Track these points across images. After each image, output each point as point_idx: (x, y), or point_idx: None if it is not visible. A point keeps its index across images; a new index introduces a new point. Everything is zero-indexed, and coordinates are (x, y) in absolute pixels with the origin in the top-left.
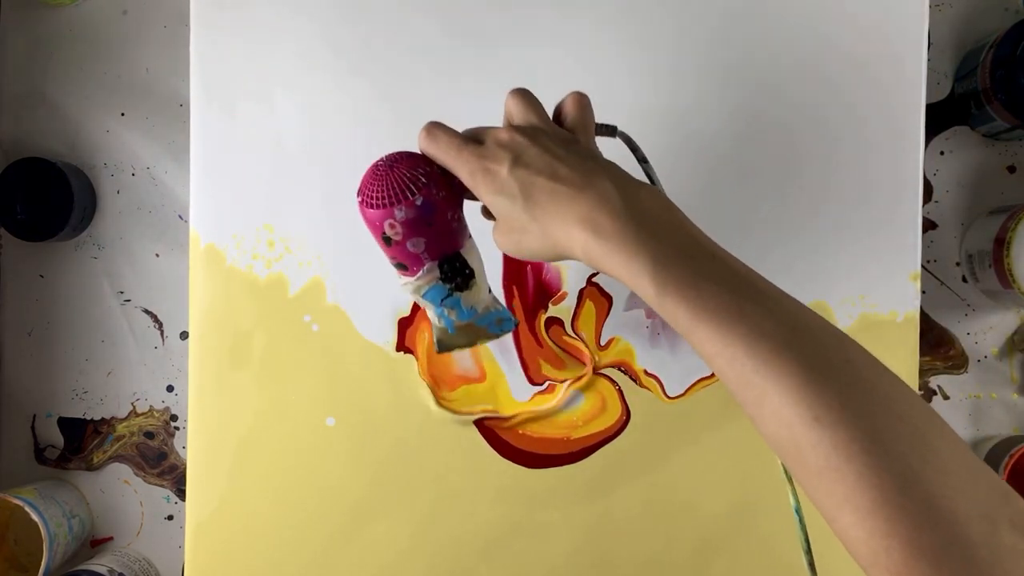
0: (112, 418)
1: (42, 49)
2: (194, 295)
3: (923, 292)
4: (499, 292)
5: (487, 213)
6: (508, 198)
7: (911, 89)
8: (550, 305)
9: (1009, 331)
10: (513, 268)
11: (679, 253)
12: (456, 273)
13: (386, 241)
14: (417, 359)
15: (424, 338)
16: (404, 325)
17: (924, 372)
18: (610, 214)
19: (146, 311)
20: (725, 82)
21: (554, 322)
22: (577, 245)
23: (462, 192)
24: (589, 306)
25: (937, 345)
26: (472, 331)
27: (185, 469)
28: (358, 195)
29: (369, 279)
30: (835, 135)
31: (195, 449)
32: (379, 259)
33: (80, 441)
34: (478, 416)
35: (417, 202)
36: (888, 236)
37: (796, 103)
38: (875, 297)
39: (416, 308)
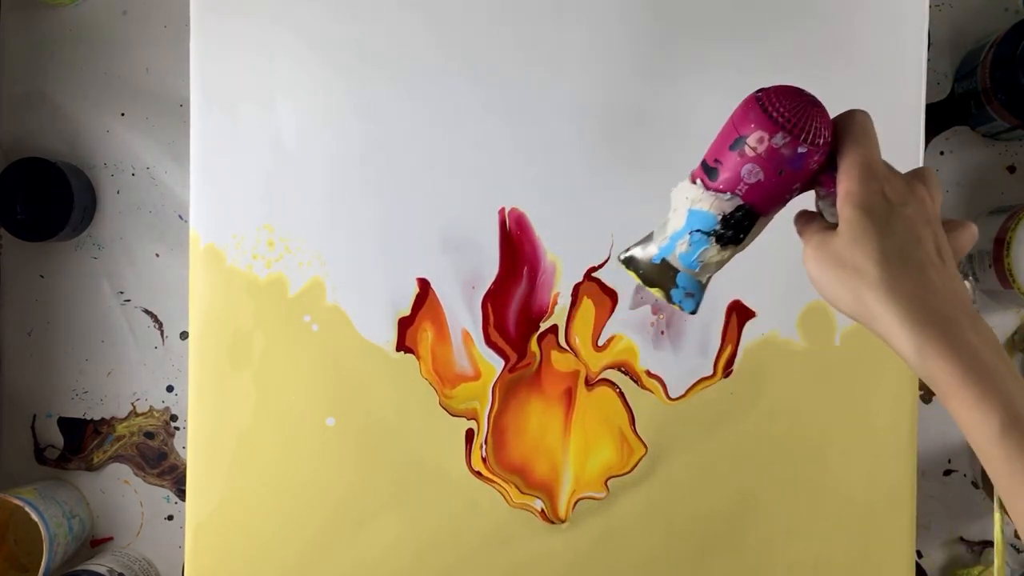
0: (112, 418)
1: (42, 49)
2: (194, 295)
3: None
4: (483, 349)
5: (804, 224)
6: (879, 228)
7: (911, 89)
8: (541, 324)
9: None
10: (498, 308)
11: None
12: (739, 228)
13: (735, 144)
14: (419, 358)
15: (427, 337)
16: (404, 325)
17: None
18: (971, 328)
19: (146, 311)
20: (725, 82)
21: (548, 332)
22: (910, 334)
23: (820, 180)
24: (587, 304)
25: None
26: (665, 277)
27: (185, 469)
28: (760, 92)
29: (369, 279)
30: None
31: (195, 449)
32: (379, 259)
33: (80, 441)
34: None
35: (800, 149)
36: None
37: None
38: None
39: (416, 308)
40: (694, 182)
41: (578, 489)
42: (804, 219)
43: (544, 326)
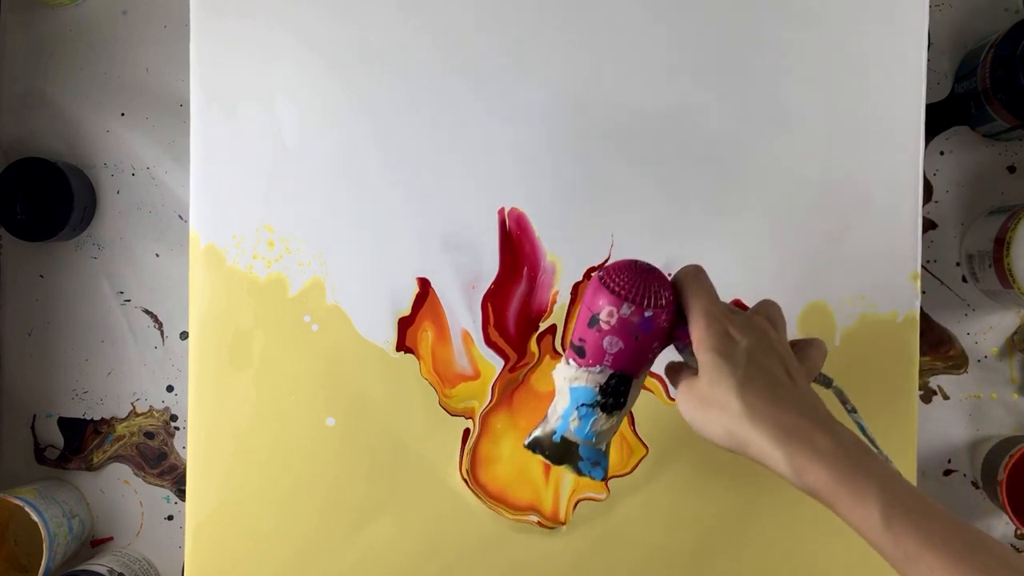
0: (112, 418)
1: (42, 49)
2: (194, 295)
3: (923, 292)
4: (483, 349)
5: (673, 374)
6: (730, 366)
7: (911, 89)
8: (540, 324)
9: (1009, 331)
10: (498, 308)
11: (903, 482)
12: (616, 394)
13: (591, 322)
14: (419, 358)
15: (427, 336)
16: (404, 325)
17: (924, 372)
18: (829, 434)
19: (146, 311)
20: (725, 83)
21: (547, 333)
22: (781, 453)
23: (676, 335)
24: None
25: (937, 345)
26: (569, 453)
27: (185, 469)
28: (600, 271)
29: (369, 279)
30: (835, 135)
31: (195, 449)
32: (378, 259)
33: (80, 441)
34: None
35: (647, 313)
36: (888, 236)
37: (796, 103)
38: (875, 297)
39: (416, 307)
40: (568, 363)
41: (578, 489)
42: (673, 370)
43: (544, 326)
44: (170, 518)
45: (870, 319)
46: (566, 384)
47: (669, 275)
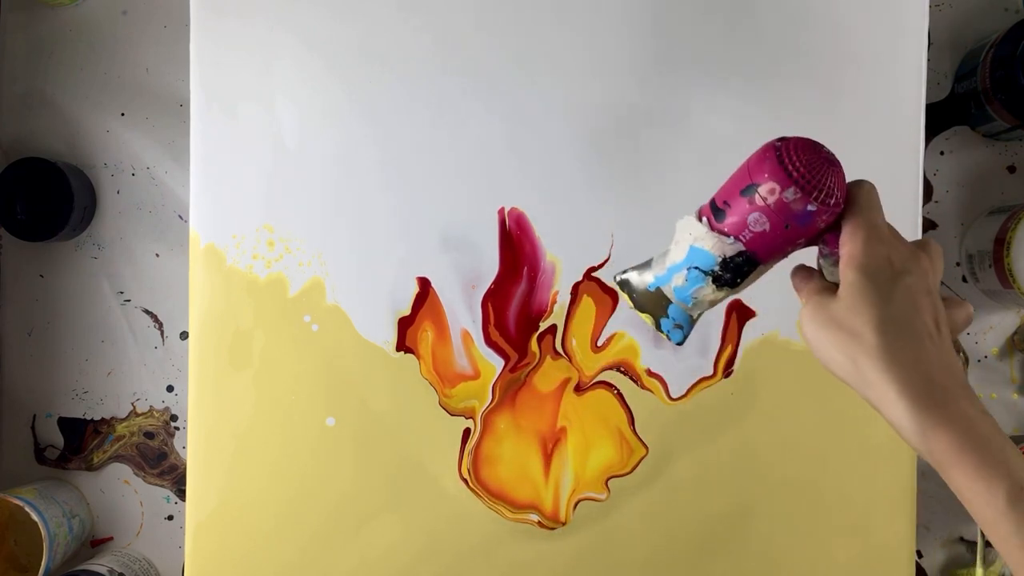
0: (112, 418)
1: (42, 49)
2: (194, 295)
3: None
4: (483, 349)
5: (802, 281)
6: (880, 295)
7: (911, 89)
8: (540, 324)
9: (1009, 331)
10: (498, 308)
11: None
12: (737, 273)
13: (746, 190)
14: (420, 358)
15: (427, 336)
16: (404, 325)
17: None
18: (966, 400)
19: (146, 311)
20: (724, 83)
21: (547, 333)
22: (909, 406)
23: (826, 239)
24: (587, 303)
25: None
26: (658, 306)
27: (185, 469)
28: (780, 141)
29: (369, 279)
30: (835, 135)
31: (195, 449)
32: (378, 259)
33: (80, 441)
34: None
35: (810, 207)
36: None
37: (796, 102)
38: None
39: (417, 307)
40: (700, 219)
41: (578, 489)
42: (802, 276)
43: (544, 326)
44: (170, 518)
45: None
46: (688, 240)
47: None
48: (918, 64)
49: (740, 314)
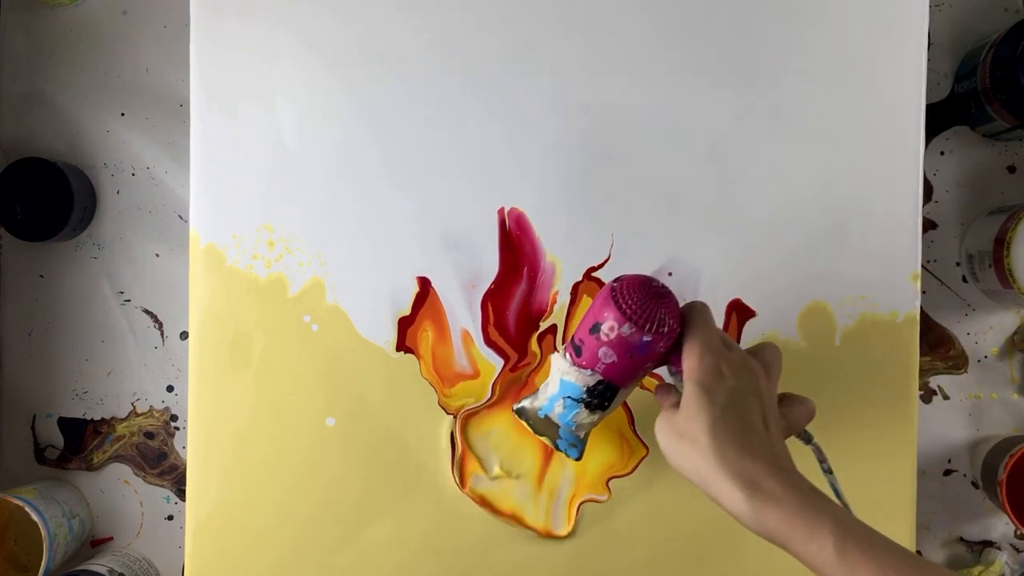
0: (112, 418)
1: (42, 49)
2: (194, 295)
3: (923, 292)
4: (482, 349)
5: (661, 396)
6: (710, 402)
7: (911, 89)
8: (540, 323)
9: (1009, 331)
10: (498, 308)
11: (855, 519)
12: (601, 398)
13: (593, 329)
14: (419, 358)
15: (427, 336)
16: (404, 325)
17: (924, 372)
18: (786, 479)
19: (146, 311)
20: (724, 82)
21: (547, 333)
22: (741, 495)
23: (671, 359)
24: (586, 303)
25: (937, 345)
26: (550, 430)
27: (185, 469)
28: (616, 282)
29: (369, 279)
30: (835, 135)
31: (195, 449)
32: (378, 259)
33: (80, 441)
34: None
35: (645, 337)
36: (888, 236)
37: (796, 103)
38: (875, 297)
39: (417, 307)
40: (564, 355)
41: (579, 491)
42: (662, 391)
43: (544, 326)
44: (170, 518)
45: (870, 319)
46: (558, 374)
47: (682, 301)
48: (918, 64)
49: (740, 314)
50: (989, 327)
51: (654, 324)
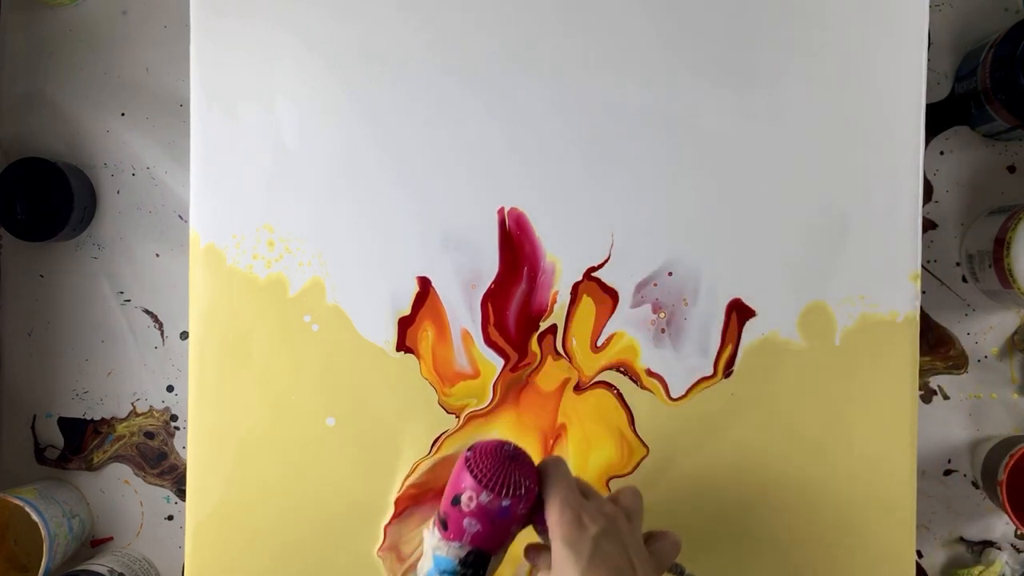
0: (112, 418)
1: (42, 49)
2: (194, 295)
3: (923, 292)
4: (482, 348)
5: (532, 555)
6: (576, 555)
7: (911, 89)
8: (541, 323)
9: (1009, 331)
10: (498, 308)
11: None
12: (475, 567)
13: (454, 501)
14: (420, 358)
15: (427, 336)
16: (404, 325)
17: (924, 372)
18: None
19: (146, 311)
20: (724, 82)
21: (547, 333)
22: None
23: (535, 519)
24: (587, 303)
25: (937, 345)
26: None
27: (185, 469)
28: (469, 451)
29: (369, 279)
30: (835, 135)
31: (195, 449)
32: (378, 259)
33: (80, 441)
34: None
35: (504, 503)
36: (888, 236)
37: (796, 102)
38: (875, 297)
39: (417, 307)
40: (432, 531)
41: None
42: (533, 552)
43: (544, 325)
44: (170, 518)
45: (870, 319)
46: (431, 550)
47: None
48: (918, 64)
49: (740, 314)
50: (989, 327)
51: (510, 488)
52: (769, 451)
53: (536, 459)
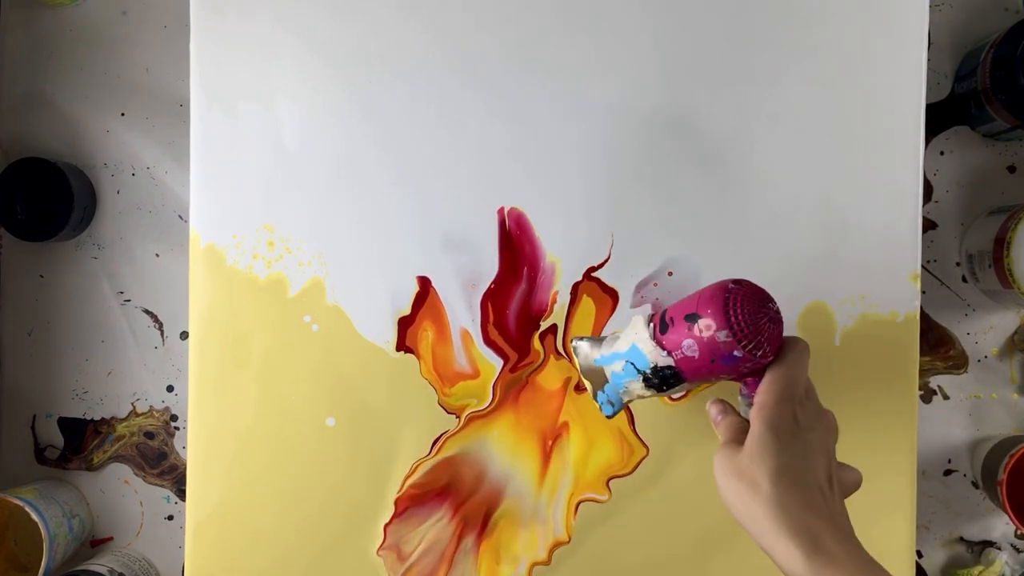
0: (112, 418)
1: (42, 49)
2: (194, 295)
3: (923, 292)
4: (482, 348)
5: (720, 416)
6: (778, 447)
7: (911, 89)
8: (541, 323)
9: (1009, 331)
10: (498, 308)
11: None
12: (664, 381)
13: (688, 317)
14: (419, 357)
15: (427, 336)
16: (404, 324)
17: (924, 372)
18: (849, 545)
19: (146, 311)
20: (724, 82)
21: (548, 333)
22: (801, 553)
23: (746, 380)
24: (587, 303)
25: (937, 345)
26: (598, 380)
27: (185, 469)
28: (734, 284)
29: (369, 279)
30: (835, 135)
31: (195, 449)
32: (378, 259)
33: (80, 441)
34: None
35: (736, 352)
36: (888, 236)
37: (796, 103)
38: (875, 297)
39: (416, 307)
40: (648, 323)
41: (578, 491)
42: (718, 409)
43: (544, 325)
44: (170, 518)
45: (870, 319)
46: (632, 337)
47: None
48: (918, 64)
49: None
50: (989, 327)
51: (752, 344)
52: None
53: (536, 457)
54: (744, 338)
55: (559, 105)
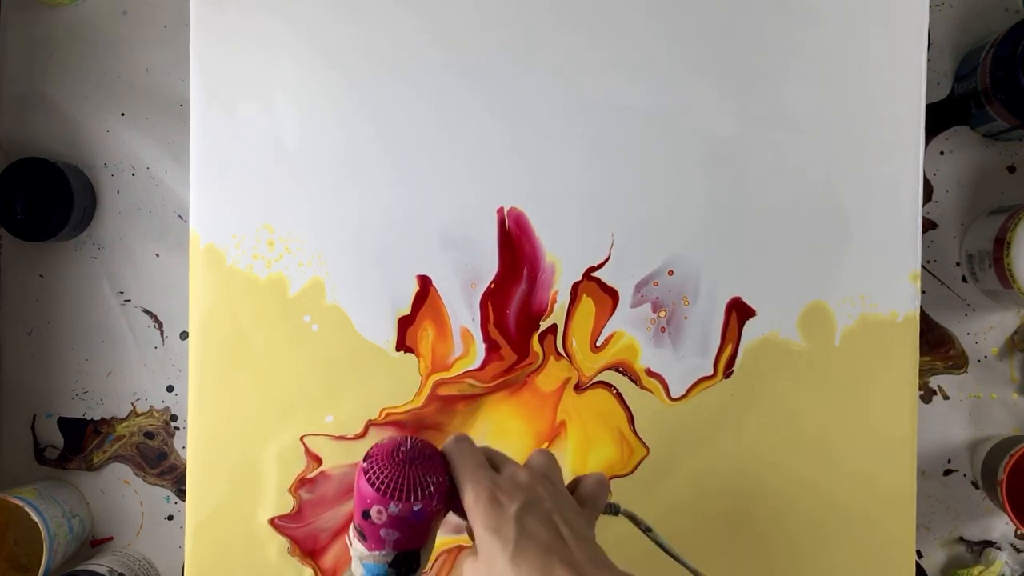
0: (112, 418)
1: (42, 49)
2: (194, 295)
3: (923, 292)
4: (480, 348)
5: (471, 534)
6: (501, 540)
7: (911, 89)
8: (541, 323)
9: (1009, 331)
10: (498, 305)
11: None
12: (408, 566)
13: (364, 515)
14: (419, 357)
15: (427, 336)
16: (404, 324)
17: (924, 372)
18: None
19: (146, 311)
20: (724, 82)
21: (548, 333)
22: None
23: (455, 506)
24: (586, 303)
25: (937, 345)
26: None
27: (185, 469)
28: (364, 461)
29: (369, 279)
30: (835, 135)
31: (195, 449)
32: (378, 259)
33: (80, 441)
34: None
35: (415, 507)
36: (888, 236)
37: (796, 102)
38: (875, 297)
39: (417, 307)
40: (354, 541)
41: None
42: (465, 550)
43: (544, 325)
44: (170, 518)
45: (870, 319)
46: (358, 559)
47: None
48: (918, 64)
49: (740, 313)
50: (989, 327)
51: (415, 491)
52: (769, 451)
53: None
54: (408, 493)
55: (560, 104)
